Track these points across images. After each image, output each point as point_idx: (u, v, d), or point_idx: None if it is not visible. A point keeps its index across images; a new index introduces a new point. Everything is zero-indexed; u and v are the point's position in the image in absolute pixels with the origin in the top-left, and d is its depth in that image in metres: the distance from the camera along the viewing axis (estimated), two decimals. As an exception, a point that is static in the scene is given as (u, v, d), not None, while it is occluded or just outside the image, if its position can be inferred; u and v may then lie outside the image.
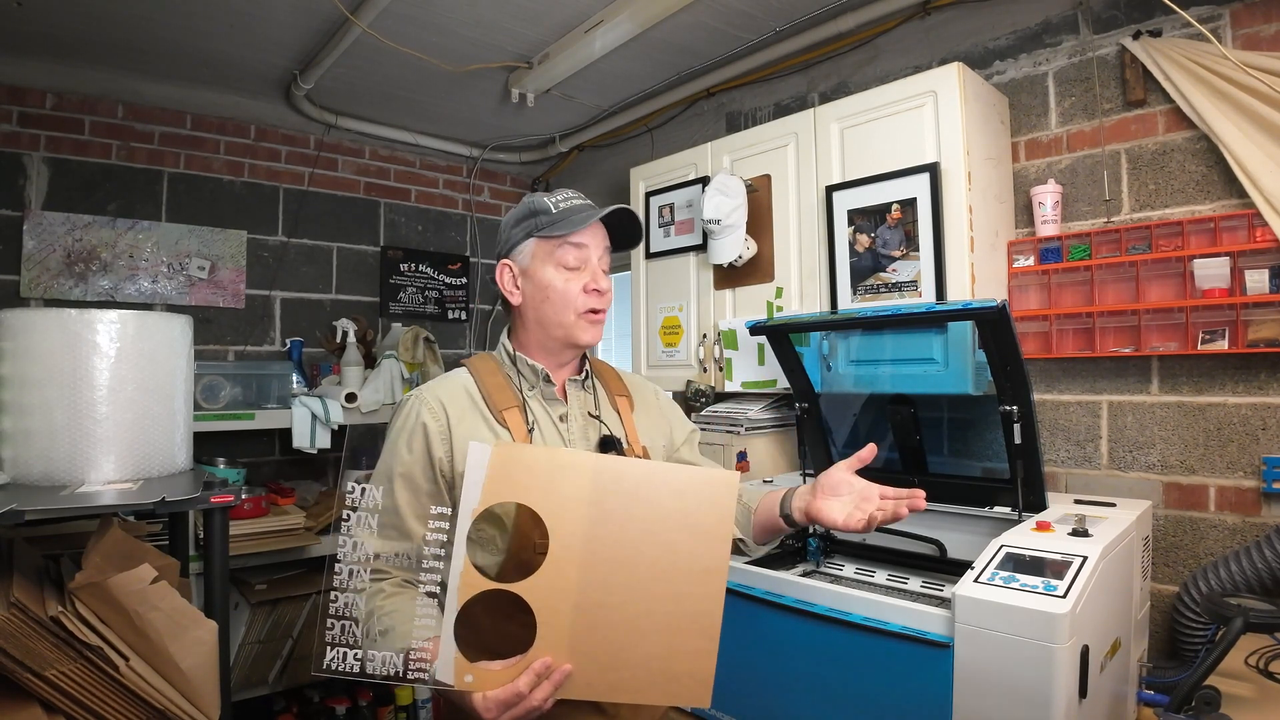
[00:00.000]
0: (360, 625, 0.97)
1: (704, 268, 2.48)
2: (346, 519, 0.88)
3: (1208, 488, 1.78)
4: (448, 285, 3.61)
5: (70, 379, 1.30)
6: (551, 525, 0.89)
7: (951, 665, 1.27)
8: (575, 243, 1.12)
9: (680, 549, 0.91)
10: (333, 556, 0.89)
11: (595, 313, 1.13)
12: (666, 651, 0.92)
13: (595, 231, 1.14)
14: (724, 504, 0.92)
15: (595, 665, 0.90)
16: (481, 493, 0.88)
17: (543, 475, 0.90)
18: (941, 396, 2.05)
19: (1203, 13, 1.75)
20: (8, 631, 1.03)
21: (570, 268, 1.12)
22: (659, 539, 0.91)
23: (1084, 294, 1.88)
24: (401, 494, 1.06)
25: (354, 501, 0.88)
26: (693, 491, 0.92)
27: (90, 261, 2.69)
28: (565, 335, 1.13)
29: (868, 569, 1.75)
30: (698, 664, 0.92)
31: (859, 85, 2.38)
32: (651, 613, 0.91)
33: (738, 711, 1.62)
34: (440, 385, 1.12)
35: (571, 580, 0.89)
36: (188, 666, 1.15)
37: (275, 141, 3.11)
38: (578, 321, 1.12)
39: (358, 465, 2.85)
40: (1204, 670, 1.28)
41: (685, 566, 0.91)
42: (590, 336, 1.14)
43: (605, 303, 1.14)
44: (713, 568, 0.92)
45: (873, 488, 1.05)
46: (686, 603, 0.91)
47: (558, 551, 0.89)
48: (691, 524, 0.91)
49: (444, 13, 2.30)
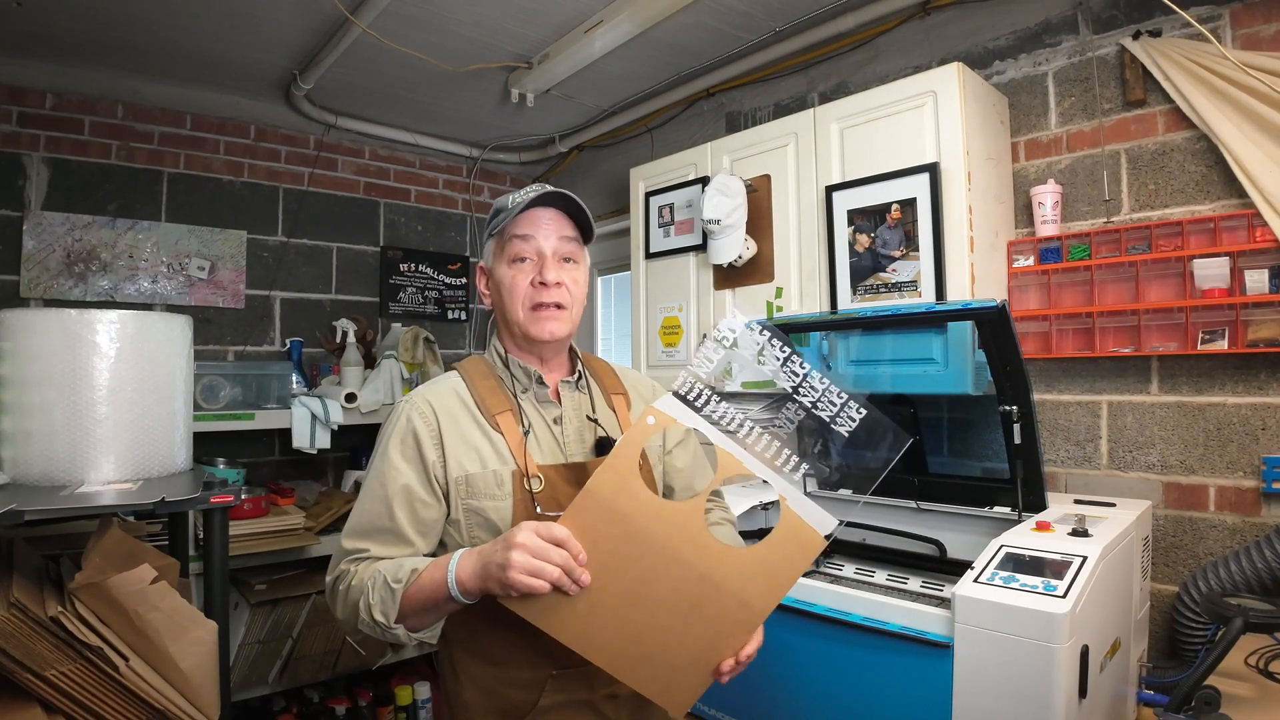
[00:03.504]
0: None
1: (704, 268, 2.48)
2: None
3: (1208, 488, 1.78)
4: (447, 285, 3.61)
5: (70, 379, 1.30)
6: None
7: (951, 665, 1.27)
8: (519, 234, 1.09)
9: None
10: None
11: (542, 307, 1.09)
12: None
13: (540, 220, 1.10)
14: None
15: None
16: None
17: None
18: (941, 396, 2.05)
19: (1202, 13, 1.75)
20: (8, 631, 1.03)
21: (518, 261, 1.10)
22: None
23: (1084, 294, 1.88)
24: (401, 511, 1.03)
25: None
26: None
27: (90, 261, 2.69)
28: (523, 331, 1.11)
29: (867, 569, 1.75)
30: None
31: (859, 85, 2.38)
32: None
33: (737, 712, 1.62)
34: (430, 389, 1.11)
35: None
36: (188, 666, 1.15)
37: (275, 141, 3.11)
38: (529, 316, 1.09)
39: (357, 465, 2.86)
40: (1204, 670, 1.28)
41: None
42: (540, 330, 1.09)
43: (554, 296, 1.09)
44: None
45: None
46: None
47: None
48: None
49: (444, 13, 2.30)
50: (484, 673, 1.06)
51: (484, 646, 1.06)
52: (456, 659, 1.09)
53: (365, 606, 0.97)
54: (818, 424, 0.94)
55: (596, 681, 1.05)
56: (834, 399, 0.94)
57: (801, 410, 0.95)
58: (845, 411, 0.93)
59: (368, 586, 0.98)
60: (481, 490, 1.04)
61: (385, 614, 0.96)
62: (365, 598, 0.98)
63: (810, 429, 0.92)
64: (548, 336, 1.10)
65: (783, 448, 0.95)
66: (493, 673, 1.05)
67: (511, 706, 1.04)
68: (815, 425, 0.95)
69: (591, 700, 1.06)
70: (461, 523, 1.05)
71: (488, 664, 1.06)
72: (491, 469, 1.05)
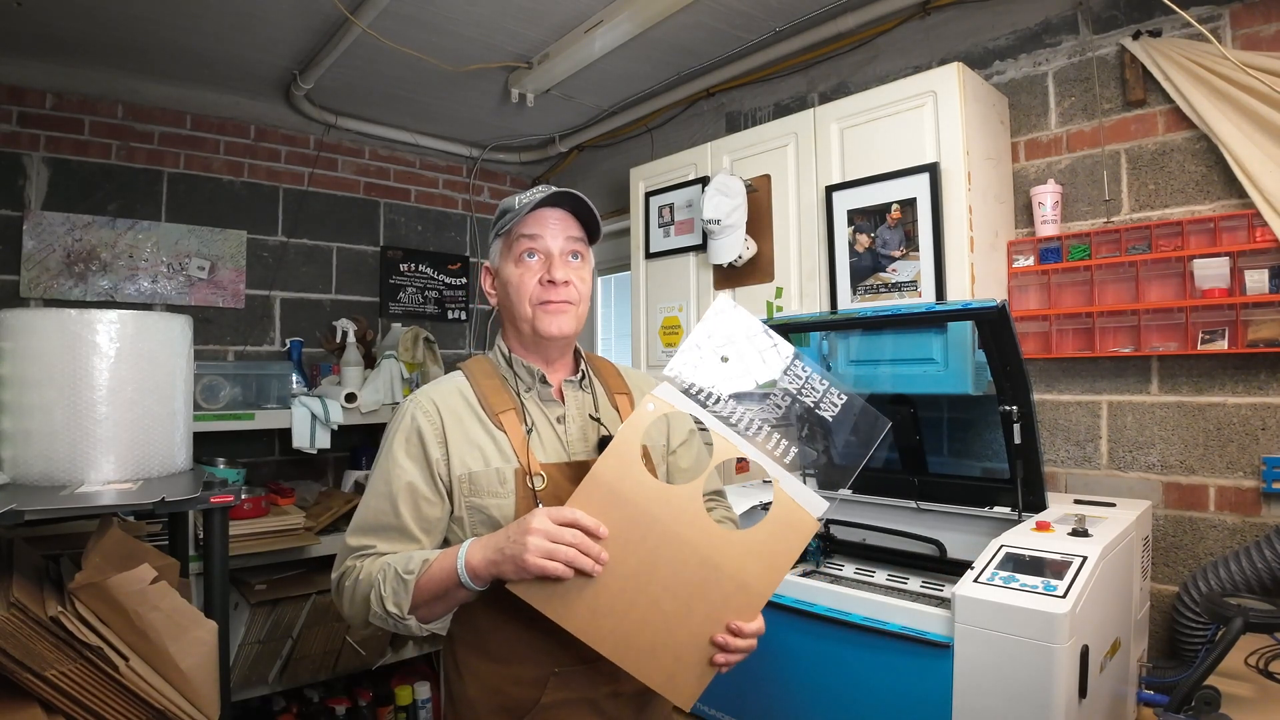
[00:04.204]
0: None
1: (704, 268, 2.48)
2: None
3: (1208, 488, 1.78)
4: (447, 285, 3.61)
5: (70, 379, 1.30)
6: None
7: (951, 665, 1.27)
8: (527, 234, 1.11)
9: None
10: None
11: (550, 304, 1.10)
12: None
13: (547, 220, 1.12)
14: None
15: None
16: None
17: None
18: (941, 396, 2.05)
19: (1203, 13, 1.75)
20: (8, 631, 1.03)
21: (526, 259, 1.11)
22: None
23: (1084, 294, 1.88)
24: (405, 508, 1.05)
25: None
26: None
27: (90, 261, 2.69)
28: (530, 328, 1.12)
29: (867, 569, 1.75)
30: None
31: (859, 85, 2.38)
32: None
33: (737, 711, 1.61)
34: (435, 388, 1.13)
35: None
36: (188, 666, 1.15)
37: (275, 141, 3.11)
38: (536, 312, 1.11)
39: (358, 465, 2.86)
40: (1204, 670, 1.28)
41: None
42: (550, 326, 1.10)
43: (562, 294, 1.10)
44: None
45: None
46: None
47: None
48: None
49: (444, 13, 2.30)
50: (487, 670, 1.06)
51: (487, 644, 1.07)
52: (460, 656, 1.09)
53: (377, 599, 0.99)
54: (803, 409, 0.99)
55: (599, 679, 1.06)
56: (816, 385, 1.00)
57: (788, 396, 1.00)
58: (828, 397, 0.99)
59: (378, 580, 1.00)
60: (484, 488, 1.06)
61: (399, 605, 0.98)
62: (376, 590, 0.99)
63: (797, 414, 0.93)
64: (556, 332, 1.11)
65: (774, 432, 0.99)
66: (496, 670, 1.06)
67: (514, 704, 1.05)
68: (801, 410, 1.00)
69: (594, 698, 1.06)
70: (465, 520, 1.07)
71: (491, 661, 1.06)
72: (495, 467, 1.06)
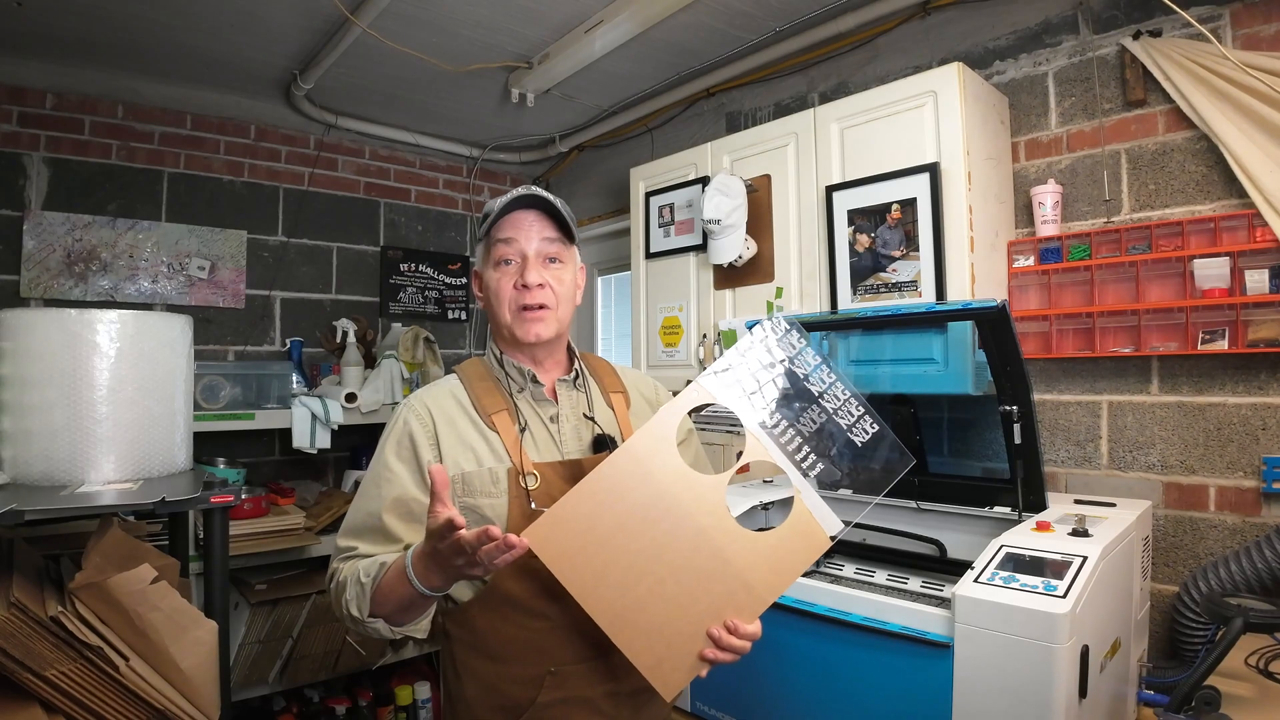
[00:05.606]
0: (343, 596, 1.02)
1: (704, 268, 2.48)
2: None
3: (1208, 488, 1.78)
4: (447, 285, 3.61)
5: (70, 379, 1.30)
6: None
7: (951, 665, 1.26)
8: (502, 238, 1.11)
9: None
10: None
11: (527, 309, 1.10)
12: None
13: (521, 223, 1.11)
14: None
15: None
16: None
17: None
18: (941, 396, 2.05)
19: (1203, 13, 1.75)
20: (8, 631, 1.03)
21: (503, 264, 1.11)
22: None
23: (1084, 294, 1.88)
24: (391, 510, 1.06)
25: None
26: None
27: (90, 261, 2.69)
28: (510, 334, 1.12)
29: (867, 569, 1.74)
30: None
31: (859, 85, 2.38)
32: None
33: (737, 711, 1.61)
34: (428, 392, 1.14)
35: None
36: (188, 666, 1.16)
37: (275, 141, 3.11)
38: (515, 318, 1.11)
39: (358, 465, 2.86)
40: (1204, 670, 1.28)
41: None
42: (526, 332, 1.10)
43: (538, 298, 1.09)
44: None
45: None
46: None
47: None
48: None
49: (444, 13, 2.30)
50: (485, 669, 1.07)
51: (484, 643, 1.07)
52: (458, 656, 1.10)
53: (343, 603, 1.01)
54: (835, 430, 1.00)
55: (596, 678, 1.06)
56: (853, 410, 1.01)
57: (824, 414, 1.01)
58: (861, 424, 1.01)
59: (347, 583, 1.02)
60: (478, 488, 1.06)
61: (360, 609, 0.99)
62: (344, 594, 1.01)
63: (828, 433, 0.94)
64: (533, 338, 1.11)
65: (803, 445, 1.00)
66: (493, 669, 1.06)
67: (511, 703, 1.05)
68: (833, 430, 1.01)
69: (591, 697, 1.06)
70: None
71: (488, 660, 1.06)
72: (487, 467, 1.07)
